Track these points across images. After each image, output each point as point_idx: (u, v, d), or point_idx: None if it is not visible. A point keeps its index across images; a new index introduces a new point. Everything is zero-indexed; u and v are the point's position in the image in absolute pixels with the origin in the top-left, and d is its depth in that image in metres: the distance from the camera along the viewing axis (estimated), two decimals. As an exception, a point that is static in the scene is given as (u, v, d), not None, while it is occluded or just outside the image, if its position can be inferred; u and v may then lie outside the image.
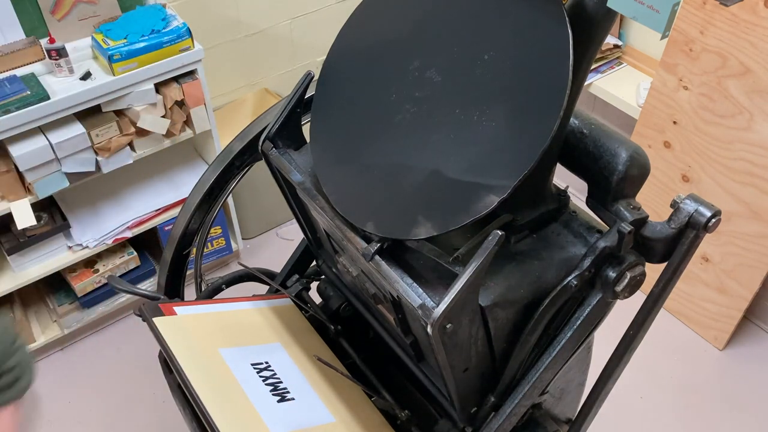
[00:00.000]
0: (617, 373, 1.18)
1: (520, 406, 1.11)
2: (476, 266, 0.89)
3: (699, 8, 2.01)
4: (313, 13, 2.65)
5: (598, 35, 0.93)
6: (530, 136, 0.87)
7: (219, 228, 2.51)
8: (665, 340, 2.39)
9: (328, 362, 1.29)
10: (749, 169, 2.05)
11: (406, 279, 0.98)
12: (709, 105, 2.08)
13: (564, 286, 1.03)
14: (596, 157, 1.04)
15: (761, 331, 2.44)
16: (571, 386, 1.40)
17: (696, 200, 0.99)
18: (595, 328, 1.12)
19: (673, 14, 0.75)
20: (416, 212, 0.95)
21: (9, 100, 1.85)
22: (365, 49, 1.11)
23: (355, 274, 1.23)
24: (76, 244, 2.20)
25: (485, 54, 0.94)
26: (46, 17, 2.02)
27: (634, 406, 2.22)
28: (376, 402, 1.32)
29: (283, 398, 1.22)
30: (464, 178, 0.93)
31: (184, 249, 1.46)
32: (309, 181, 1.13)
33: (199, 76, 2.11)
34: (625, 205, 1.03)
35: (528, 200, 1.06)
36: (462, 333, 0.97)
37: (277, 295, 1.52)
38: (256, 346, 1.32)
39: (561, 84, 0.86)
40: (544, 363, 1.08)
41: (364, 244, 1.01)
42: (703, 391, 2.27)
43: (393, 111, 1.03)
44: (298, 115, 1.20)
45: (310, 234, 1.41)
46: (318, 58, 2.76)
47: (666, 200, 2.28)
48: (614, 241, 1.01)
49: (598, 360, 1.30)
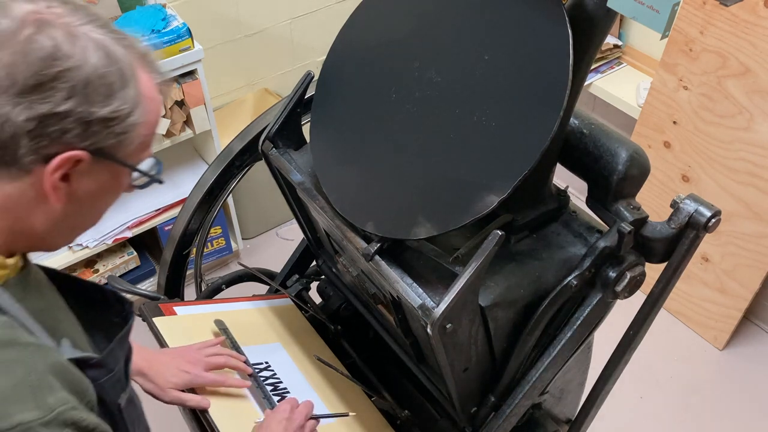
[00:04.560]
0: (617, 373, 1.18)
1: (520, 406, 1.11)
2: (476, 266, 0.89)
3: (699, 8, 2.01)
4: (313, 13, 2.65)
5: (598, 35, 0.93)
6: (530, 136, 0.87)
7: (219, 228, 2.51)
8: (665, 340, 2.39)
9: (328, 362, 1.29)
10: (749, 169, 2.05)
11: (406, 279, 0.98)
12: (709, 105, 2.08)
13: (564, 286, 1.03)
14: (596, 157, 1.04)
15: (761, 331, 2.44)
16: (571, 386, 1.40)
17: (696, 200, 0.99)
18: (595, 328, 1.12)
19: (673, 14, 0.75)
20: (416, 212, 0.95)
21: (9, 100, 1.85)
22: (365, 49, 1.11)
23: (355, 274, 1.23)
24: (76, 244, 2.20)
25: (485, 54, 0.94)
26: (46, 17, 2.02)
27: (634, 406, 2.22)
28: (376, 402, 1.32)
29: (283, 398, 1.22)
30: (464, 178, 0.93)
31: (184, 249, 1.46)
32: (309, 181, 1.13)
33: (199, 76, 2.11)
34: (625, 205, 1.03)
35: (528, 200, 1.06)
36: (462, 333, 0.97)
37: (277, 295, 1.52)
38: (256, 346, 1.32)
39: (561, 84, 0.86)
40: (544, 363, 1.08)
41: (364, 244, 1.01)
42: (703, 391, 2.27)
43: (393, 111, 1.03)
44: (298, 115, 1.19)
45: (310, 234, 1.40)
46: (318, 58, 2.76)
47: (666, 200, 2.27)
48: (614, 241, 1.01)
49: (598, 360, 1.30)
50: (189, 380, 1.13)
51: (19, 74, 0.64)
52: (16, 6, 0.66)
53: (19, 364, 0.65)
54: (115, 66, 0.69)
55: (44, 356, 0.68)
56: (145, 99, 0.72)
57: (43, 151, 0.67)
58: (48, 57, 0.65)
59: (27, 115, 0.65)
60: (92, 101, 0.67)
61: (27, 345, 0.67)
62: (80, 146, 0.68)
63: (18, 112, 0.65)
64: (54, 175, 0.68)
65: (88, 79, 0.67)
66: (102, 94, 0.68)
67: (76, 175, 0.70)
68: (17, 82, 0.64)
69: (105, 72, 0.68)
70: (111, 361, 0.79)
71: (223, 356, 1.19)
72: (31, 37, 0.65)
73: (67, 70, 0.66)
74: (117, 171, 0.74)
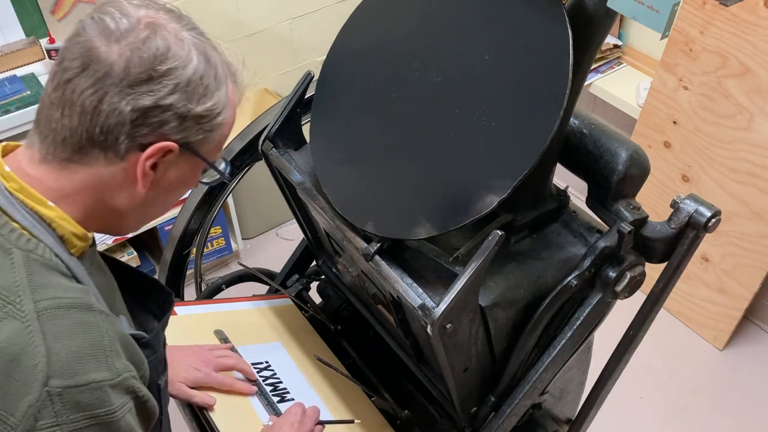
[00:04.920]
0: (617, 373, 1.18)
1: (520, 406, 1.11)
2: (476, 266, 0.89)
3: (699, 8, 2.01)
4: (313, 13, 2.65)
5: (598, 35, 0.93)
6: (530, 136, 0.87)
7: (219, 228, 2.51)
8: (665, 340, 2.39)
9: (328, 362, 1.28)
10: (749, 169, 2.05)
11: (406, 279, 0.97)
12: (709, 105, 2.08)
13: (564, 286, 1.03)
14: (596, 157, 1.04)
15: (761, 331, 2.44)
16: (571, 386, 1.40)
17: (696, 200, 0.99)
18: (595, 328, 1.12)
19: (673, 14, 0.75)
20: (416, 212, 0.95)
21: (9, 100, 1.85)
22: (365, 49, 1.11)
23: (355, 274, 1.23)
24: (76, 244, 2.20)
25: (485, 54, 0.94)
26: (46, 17, 2.02)
27: (634, 406, 2.22)
28: (376, 402, 1.32)
29: (283, 398, 1.22)
30: (464, 178, 0.93)
31: (184, 249, 1.46)
32: (309, 181, 1.13)
33: (199, 76, 2.11)
34: (625, 205, 1.03)
35: (528, 200, 1.06)
36: (462, 333, 0.97)
37: (277, 295, 1.52)
38: (256, 345, 1.32)
39: (561, 84, 0.86)
40: (544, 363, 1.08)
41: (364, 244, 1.01)
42: (703, 391, 2.27)
43: (393, 111, 1.03)
44: (298, 115, 1.19)
45: (310, 234, 1.40)
46: (318, 58, 2.76)
47: (666, 200, 2.27)
48: (614, 241, 1.01)
49: (598, 360, 1.30)
50: (199, 378, 1.16)
51: (133, 68, 0.72)
52: (133, 10, 0.75)
53: (94, 327, 0.71)
54: (213, 70, 0.77)
55: (113, 324, 0.74)
56: (230, 103, 0.81)
57: (140, 140, 0.75)
58: (161, 55, 0.73)
59: (133, 106, 0.72)
60: (191, 98, 0.75)
61: (100, 312, 0.73)
62: (173, 138, 0.76)
63: (126, 102, 0.72)
64: (147, 162, 0.76)
65: (191, 79, 0.75)
66: (200, 93, 0.76)
67: (162, 164, 0.78)
68: (130, 75, 0.72)
69: (204, 73, 0.76)
70: (156, 342, 0.85)
71: (232, 359, 1.22)
72: (147, 36, 0.73)
73: (175, 68, 0.74)
74: (196, 165, 0.82)
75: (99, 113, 0.72)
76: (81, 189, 0.77)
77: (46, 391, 0.65)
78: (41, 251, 0.73)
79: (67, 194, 0.77)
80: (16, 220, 0.74)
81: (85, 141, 0.74)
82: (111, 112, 0.72)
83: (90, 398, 0.67)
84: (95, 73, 0.72)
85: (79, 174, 0.76)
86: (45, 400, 0.65)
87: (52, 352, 0.67)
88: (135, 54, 0.72)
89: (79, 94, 0.72)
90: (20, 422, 0.65)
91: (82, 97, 0.72)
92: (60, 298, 0.70)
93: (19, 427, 0.65)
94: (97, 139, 0.74)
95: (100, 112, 0.72)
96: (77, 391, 0.67)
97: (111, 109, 0.72)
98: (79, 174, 0.76)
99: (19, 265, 0.71)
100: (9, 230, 0.73)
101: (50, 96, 0.74)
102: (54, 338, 0.67)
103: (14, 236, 0.73)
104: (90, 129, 0.73)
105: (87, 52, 0.72)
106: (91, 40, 0.73)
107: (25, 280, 0.70)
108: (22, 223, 0.74)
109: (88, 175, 0.76)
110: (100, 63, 0.72)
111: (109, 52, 0.72)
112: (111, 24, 0.73)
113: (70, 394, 0.66)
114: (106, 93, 0.72)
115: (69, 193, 0.77)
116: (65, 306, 0.70)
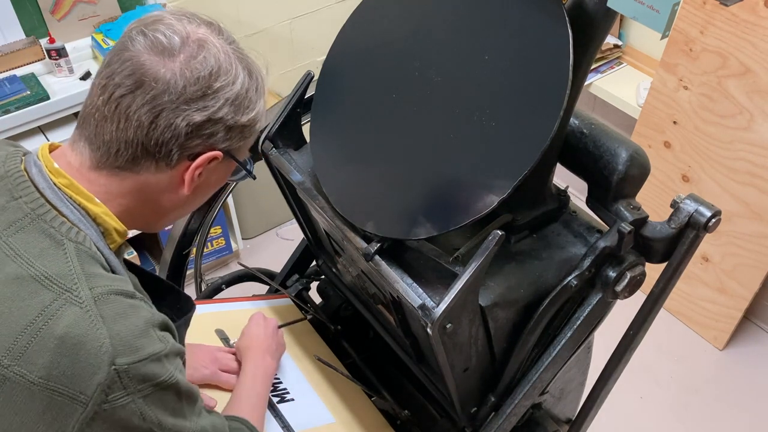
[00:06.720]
0: (617, 373, 1.18)
1: (520, 406, 1.11)
2: (476, 266, 0.89)
3: (699, 8, 2.01)
4: (313, 13, 2.65)
5: (598, 35, 0.93)
6: (530, 136, 0.87)
7: (219, 228, 2.51)
8: (665, 340, 2.39)
9: (328, 362, 1.28)
10: (749, 169, 2.05)
11: (406, 279, 0.97)
12: (709, 105, 2.08)
13: (564, 286, 1.03)
14: (596, 157, 1.04)
15: (761, 331, 2.44)
16: (571, 386, 1.40)
17: (696, 200, 0.99)
18: (595, 328, 1.12)
19: (673, 14, 0.75)
20: (416, 212, 0.95)
21: (9, 100, 1.85)
22: (365, 49, 1.11)
23: (355, 274, 1.23)
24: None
25: (485, 54, 0.94)
26: (46, 17, 2.02)
27: (634, 406, 2.22)
28: (376, 402, 1.32)
29: (283, 399, 1.22)
30: (464, 178, 0.93)
31: (184, 249, 1.46)
32: (309, 181, 1.13)
33: (199, 76, 2.11)
34: (625, 205, 1.03)
35: (528, 200, 1.06)
36: (462, 333, 0.97)
37: (277, 295, 1.52)
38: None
39: (561, 84, 0.86)
40: (544, 363, 1.08)
41: (364, 244, 1.01)
42: (703, 391, 2.27)
43: (393, 111, 1.03)
44: (298, 115, 1.19)
45: (310, 234, 1.40)
46: (318, 58, 2.76)
47: (666, 200, 2.27)
48: (614, 241, 1.01)
49: (598, 360, 1.30)
50: (207, 376, 1.18)
51: (189, 86, 0.76)
52: (179, 25, 0.79)
53: (142, 308, 0.77)
54: (255, 83, 0.82)
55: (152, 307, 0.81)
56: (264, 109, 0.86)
57: (190, 150, 0.80)
58: (214, 73, 0.78)
59: (188, 121, 0.77)
60: (238, 111, 0.80)
61: (141, 297, 0.79)
62: (219, 147, 0.81)
63: (182, 119, 0.77)
64: (196, 170, 0.81)
65: (239, 93, 0.80)
66: (245, 105, 0.81)
67: (206, 170, 0.83)
68: (186, 93, 0.76)
69: (249, 87, 0.81)
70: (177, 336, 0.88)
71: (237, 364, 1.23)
72: (198, 53, 0.77)
73: (226, 85, 0.78)
74: (231, 166, 0.88)
75: (155, 128, 0.76)
76: (127, 193, 0.82)
77: (114, 369, 0.71)
78: (88, 244, 0.78)
79: (114, 196, 0.81)
80: (64, 214, 0.78)
81: (139, 153, 0.78)
82: (167, 127, 0.76)
83: (152, 369, 0.74)
84: (151, 90, 0.75)
85: (129, 180, 0.81)
86: (114, 377, 0.71)
87: (113, 333, 0.72)
88: (190, 72, 0.76)
89: (135, 110, 0.76)
90: (91, 398, 0.71)
91: (138, 113, 0.76)
92: (110, 285, 0.76)
93: (90, 402, 0.71)
94: (152, 151, 0.78)
95: (156, 127, 0.76)
96: (141, 365, 0.73)
97: (167, 125, 0.76)
98: (129, 180, 0.81)
99: (72, 255, 0.76)
100: (59, 223, 0.77)
101: (101, 110, 0.77)
102: (112, 320, 0.73)
103: (64, 228, 0.77)
104: (145, 142, 0.77)
105: (140, 69, 0.76)
106: (142, 55, 0.76)
107: (79, 269, 0.75)
108: (69, 217, 0.78)
109: (136, 181, 0.81)
110: (155, 81, 0.75)
111: (163, 70, 0.75)
112: (163, 40, 0.77)
113: (135, 368, 0.72)
114: (163, 109, 0.76)
115: (115, 196, 0.81)
116: (115, 292, 0.75)
